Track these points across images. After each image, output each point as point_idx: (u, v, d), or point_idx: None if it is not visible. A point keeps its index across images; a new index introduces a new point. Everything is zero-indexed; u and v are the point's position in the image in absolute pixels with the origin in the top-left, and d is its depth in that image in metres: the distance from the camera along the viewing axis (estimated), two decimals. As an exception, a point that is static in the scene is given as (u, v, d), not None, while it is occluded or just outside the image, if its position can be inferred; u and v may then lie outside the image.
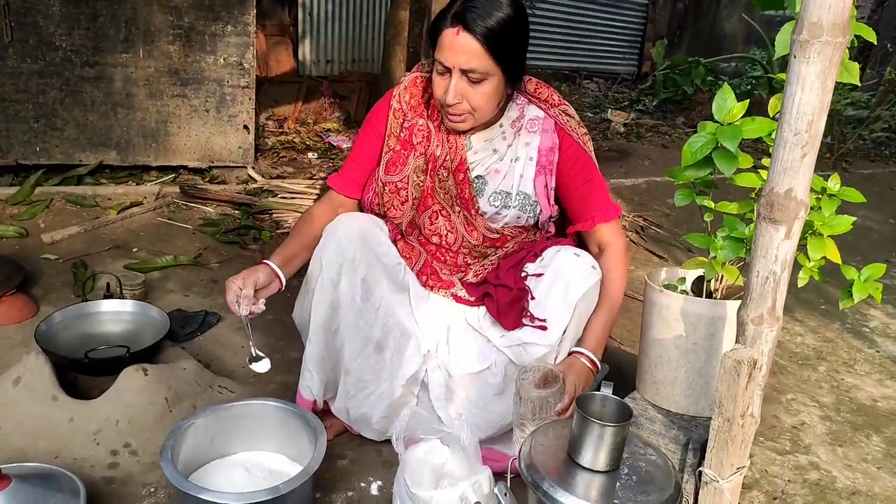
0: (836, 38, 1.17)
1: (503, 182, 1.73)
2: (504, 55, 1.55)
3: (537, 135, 1.72)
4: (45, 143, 3.46)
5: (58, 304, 2.34)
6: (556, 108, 1.73)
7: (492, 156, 1.73)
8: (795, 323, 2.89)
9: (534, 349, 1.65)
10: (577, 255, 1.69)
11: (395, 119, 1.74)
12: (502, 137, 1.72)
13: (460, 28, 1.51)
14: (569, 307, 1.64)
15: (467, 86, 1.57)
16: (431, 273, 1.81)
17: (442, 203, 1.78)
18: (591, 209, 1.76)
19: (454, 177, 1.73)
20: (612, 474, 1.33)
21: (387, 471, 1.73)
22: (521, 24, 1.57)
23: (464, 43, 1.52)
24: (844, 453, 2.01)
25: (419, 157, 1.73)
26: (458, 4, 1.53)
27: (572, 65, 9.24)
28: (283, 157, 4.53)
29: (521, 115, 1.73)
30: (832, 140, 6.26)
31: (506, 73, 1.58)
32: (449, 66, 1.55)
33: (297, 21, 6.19)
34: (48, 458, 1.64)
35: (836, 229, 1.54)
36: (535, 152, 1.72)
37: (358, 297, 1.69)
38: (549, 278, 1.67)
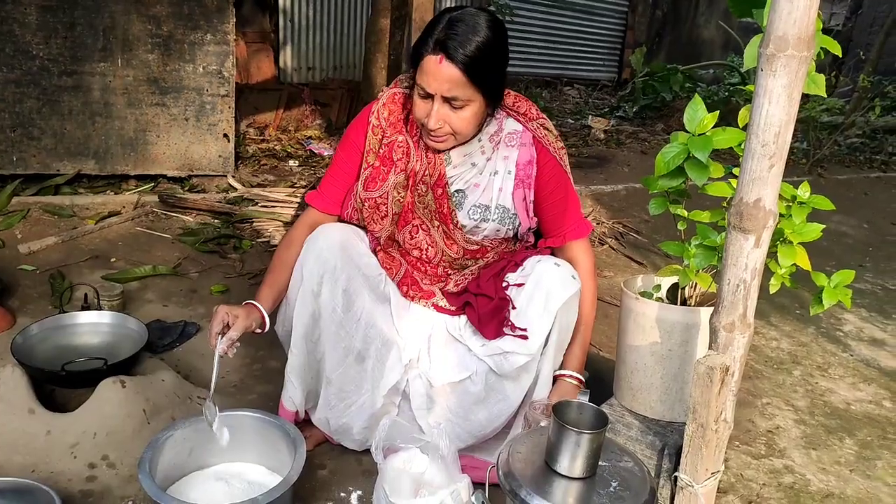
0: (802, 52, 1.20)
1: (482, 195, 1.75)
2: (485, 81, 1.56)
3: (515, 148, 1.74)
4: (21, 153, 3.43)
5: (35, 316, 2.32)
6: (535, 122, 1.75)
7: (471, 169, 1.74)
8: (771, 328, 2.94)
9: (514, 358, 1.66)
10: (557, 264, 1.71)
11: (374, 136, 1.74)
12: (481, 151, 1.74)
13: (443, 57, 1.52)
14: (549, 316, 1.65)
15: (449, 111, 1.58)
16: (412, 283, 1.82)
17: (422, 218, 1.79)
18: (563, 225, 1.79)
19: (433, 192, 1.74)
20: (589, 481, 1.35)
21: (367, 480, 1.73)
22: (501, 47, 1.58)
23: (446, 72, 1.53)
24: (818, 456, 2.05)
25: (399, 173, 1.73)
26: (439, 31, 1.54)
27: (553, 71, 9.31)
28: (265, 164, 4.52)
29: (499, 129, 1.74)
30: (808, 146, 6.36)
31: (487, 97, 1.60)
32: (431, 92, 1.56)
33: (279, 28, 6.18)
34: (24, 472, 1.63)
35: (806, 237, 1.57)
36: (514, 166, 1.74)
37: (339, 307, 1.70)
38: (530, 288, 1.69)
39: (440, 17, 1.57)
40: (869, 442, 2.15)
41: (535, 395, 1.72)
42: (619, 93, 8.88)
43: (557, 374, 1.73)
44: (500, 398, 1.71)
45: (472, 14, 1.56)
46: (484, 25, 1.54)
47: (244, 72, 5.74)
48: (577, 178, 5.36)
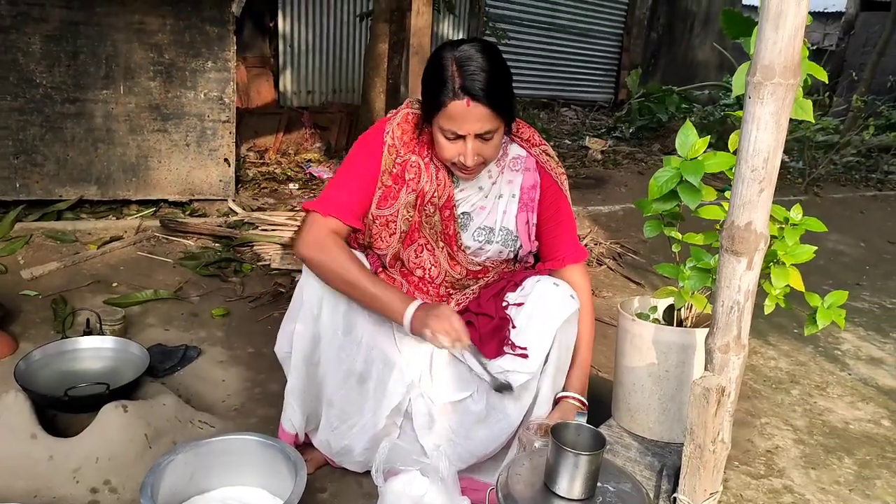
0: (788, 80, 1.24)
1: (487, 218, 1.78)
2: (504, 107, 1.61)
3: (520, 173, 1.78)
4: (25, 179, 3.47)
5: (37, 341, 2.34)
6: (538, 148, 1.79)
7: (478, 193, 1.77)
8: (769, 347, 2.95)
9: (515, 377, 1.68)
10: (556, 284, 1.73)
11: (390, 155, 1.74)
12: (488, 176, 1.77)
13: (468, 99, 1.55)
14: (549, 336, 1.68)
15: (482, 144, 1.62)
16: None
17: (427, 237, 1.81)
18: (561, 249, 1.82)
19: (441, 213, 1.76)
20: (588, 502, 1.36)
21: (367, 503, 1.74)
22: (506, 70, 1.63)
23: (476, 112, 1.56)
24: (817, 476, 2.05)
25: (410, 192, 1.75)
26: (454, 76, 1.56)
27: (550, 93, 9.41)
28: (265, 188, 4.56)
29: (504, 154, 1.78)
30: (804, 165, 6.40)
31: (507, 120, 1.66)
32: (463, 133, 1.60)
33: (278, 52, 6.27)
34: (27, 497, 1.64)
35: (799, 258, 1.60)
36: (518, 190, 1.78)
37: (340, 330, 1.72)
38: (530, 308, 1.71)
39: (442, 60, 1.59)
40: (868, 461, 2.16)
41: (533, 413, 1.73)
42: (616, 114, 8.95)
43: (560, 396, 1.75)
44: (501, 417, 1.73)
45: (472, 48, 1.59)
46: (487, 55, 1.58)
47: (244, 96, 5.81)
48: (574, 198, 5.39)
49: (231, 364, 2.40)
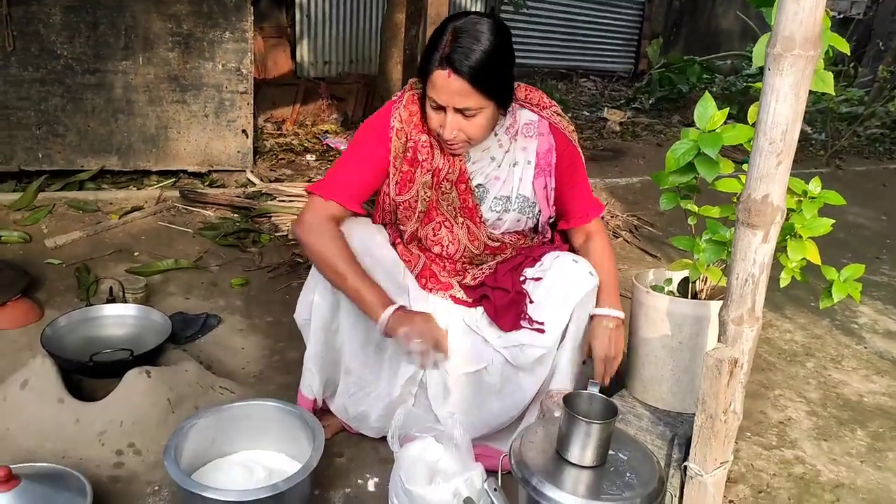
0: (808, 52, 1.22)
1: (503, 187, 1.77)
2: (494, 87, 1.58)
3: (534, 139, 1.76)
4: (47, 150, 3.51)
5: (62, 309, 2.39)
6: (548, 110, 1.77)
7: (490, 163, 1.76)
8: (785, 320, 2.95)
9: (531, 350, 1.70)
10: (575, 260, 1.74)
11: (399, 139, 1.73)
12: (498, 145, 1.75)
13: (450, 71, 1.53)
14: (566, 311, 1.70)
15: (462, 120, 1.60)
16: (430, 276, 1.85)
17: (445, 214, 1.82)
18: (584, 206, 1.85)
19: (456, 188, 1.77)
20: (599, 470, 1.39)
21: (383, 468, 1.78)
22: (506, 52, 1.59)
23: (455, 85, 1.54)
24: (829, 448, 2.07)
25: (426, 173, 1.75)
26: (445, 45, 1.54)
27: (569, 63, 9.28)
28: (282, 159, 4.58)
29: (514, 121, 1.75)
30: (826, 137, 6.30)
31: (497, 101, 1.62)
32: (443, 104, 1.58)
33: (295, 22, 6.23)
34: (55, 458, 1.70)
35: (816, 231, 1.59)
36: (534, 156, 1.76)
37: None
38: (548, 283, 1.73)
39: (444, 28, 1.58)
40: (881, 433, 2.16)
41: (551, 385, 1.75)
42: (636, 84, 8.83)
43: (593, 314, 1.74)
44: (515, 389, 1.76)
45: (474, 22, 1.56)
46: (487, 32, 1.55)
47: (261, 66, 5.80)
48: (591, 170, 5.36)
49: (250, 332, 2.44)
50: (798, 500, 1.82)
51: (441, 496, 1.51)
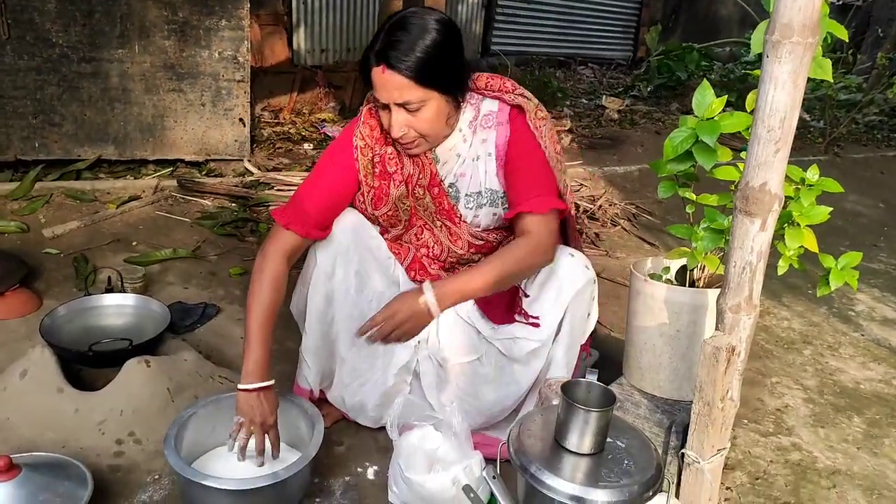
0: (807, 39, 1.22)
1: (471, 183, 1.74)
2: (436, 79, 1.53)
3: (492, 129, 1.70)
4: (43, 139, 3.50)
5: (60, 299, 2.39)
6: (511, 94, 1.69)
7: (457, 160, 1.72)
8: (782, 308, 2.95)
9: (525, 343, 1.71)
10: (571, 255, 1.74)
11: (364, 156, 1.70)
12: (463, 140, 1.71)
13: (384, 66, 1.50)
14: (561, 306, 1.70)
15: (408, 115, 1.56)
16: (420, 268, 1.85)
17: (424, 219, 1.81)
18: (521, 196, 1.67)
19: (430, 192, 1.74)
20: (597, 457, 1.40)
21: (382, 456, 1.79)
22: (446, 40, 1.54)
23: (391, 80, 1.51)
24: (826, 434, 2.08)
25: (399, 185, 1.73)
26: (380, 41, 1.52)
27: (567, 51, 9.24)
28: (279, 148, 4.57)
29: (476, 114, 1.70)
30: (825, 125, 6.29)
31: (445, 93, 1.57)
32: (384, 102, 1.55)
33: (292, 10, 6.19)
34: (55, 447, 1.70)
35: (813, 219, 1.59)
36: (493, 147, 1.71)
37: (352, 288, 1.75)
38: (543, 277, 1.73)
39: (383, 24, 1.55)
40: (877, 420, 2.18)
41: (549, 374, 1.76)
42: (634, 72, 8.80)
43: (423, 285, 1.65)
44: (510, 380, 1.76)
45: (412, 15, 1.54)
46: (426, 26, 1.51)
47: (258, 55, 5.77)
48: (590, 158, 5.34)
49: (249, 322, 2.44)
50: (795, 487, 1.84)
51: (440, 484, 1.52)
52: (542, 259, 1.68)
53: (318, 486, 1.69)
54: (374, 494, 1.69)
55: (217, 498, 1.49)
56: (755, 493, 1.80)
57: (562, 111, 6.38)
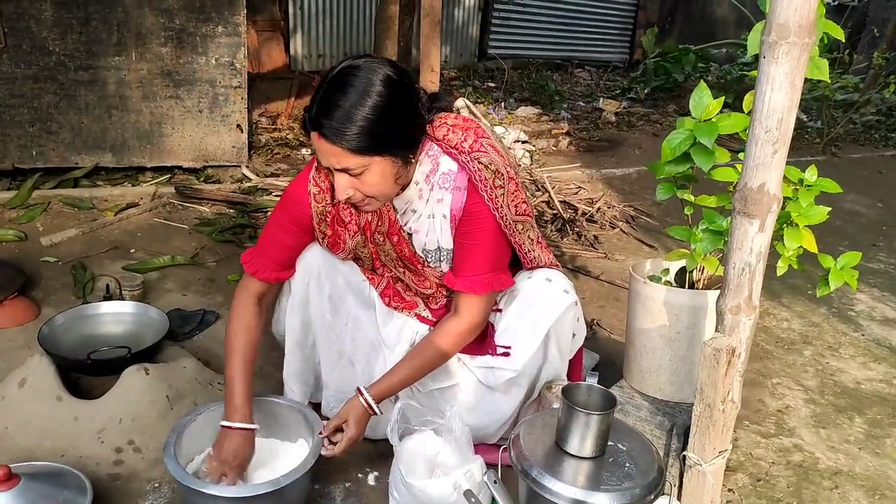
0: (803, 39, 1.22)
1: (427, 240, 1.66)
2: (377, 147, 1.41)
3: (449, 192, 1.58)
4: (41, 147, 3.49)
5: (59, 307, 2.39)
6: (468, 156, 1.55)
7: (412, 215, 1.64)
8: (782, 308, 2.95)
9: (501, 373, 1.70)
10: (548, 279, 1.70)
11: (318, 204, 1.63)
12: (419, 196, 1.60)
13: (318, 135, 1.40)
14: (538, 335, 1.66)
15: (352, 179, 1.45)
16: (394, 294, 1.82)
17: (388, 266, 1.78)
18: (461, 270, 1.63)
19: (390, 240, 1.68)
20: (598, 460, 1.39)
21: (383, 462, 1.78)
22: (392, 104, 1.41)
23: (327, 148, 1.41)
24: (828, 435, 2.08)
25: (354, 235, 1.68)
26: (315, 103, 1.41)
27: (564, 54, 9.25)
28: (277, 153, 4.57)
29: (434, 169, 1.58)
30: (822, 125, 6.30)
31: (388, 154, 1.44)
32: (326, 165, 1.46)
33: (288, 15, 6.20)
34: (54, 456, 1.70)
35: (812, 219, 1.59)
36: (448, 210, 1.60)
37: (327, 312, 1.75)
38: (519, 306, 1.70)
39: (324, 77, 1.43)
40: (879, 420, 2.17)
41: (548, 377, 1.75)
42: (631, 74, 8.81)
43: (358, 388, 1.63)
44: (491, 409, 1.76)
45: (355, 70, 1.40)
46: (367, 88, 1.38)
47: (255, 61, 5.77)
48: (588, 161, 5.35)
49: (248, 328, 2.44)
50: (797, 488, 1.83)
51: (441, 489, 1.52)
52: (471, 336, 1.67)
53: (318, 492, 1.69)
54: (374, 500, 1.69)
55: (218, 505, 1.48)
56: (757, 494, 1.79)
57: (559, 114, 6.39)
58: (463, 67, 7.81)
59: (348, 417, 1.59)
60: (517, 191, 1.61)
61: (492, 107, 6.13)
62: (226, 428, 1.57)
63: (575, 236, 3.60)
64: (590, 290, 3.01)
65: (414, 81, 1.51)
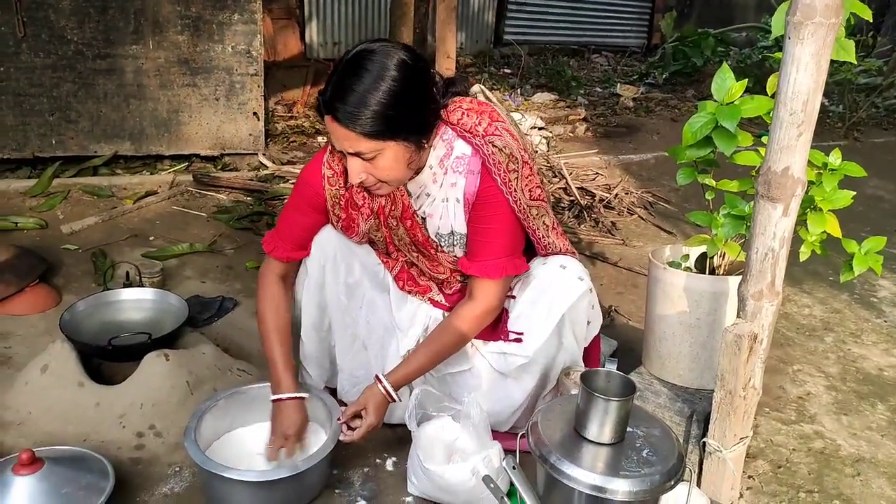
0: (830, 19, 1.20)
1: (441, 224, 1.65)
2: (391, 131, 1.41)
3: (463, 176, 1.58)
4: (60, 136, 3.52)
5: (80, 294, 2.41)
6: (483, 139, 1.53)
7: (426, 199, 1.63)
8: (803, 294, 2.92)
9: (512, 359, 1.69)
10: (563, 266, 1.68)
11: (331, 187, 1.63)
12: (433, 179, 1.60)
13: (331, 118, 1.40)
14: (551, 322, 1.64)
15: (364, 163, 1.45)
16: (408, 279, 1.82)
17: (402, 251, 1.77)
18: (475, 255, 1.62)
19: (403, 224, 1.68)
20: (618, 447, 1.38)
21: (401, 447, 1.79)
22: (406, 89, 1.40)
23: (340, 132, 1.40)
24: (849, 422, 2.05)
25: (367, 218, 1.68)
26: (329, 87, 1.40)
27: (580, 39, 9.16)
28: (293, 141, 4.57)
29: (448, 153, 1.58)
30: (844, 109, 6.20)
31: (402, 139, 1.44)
32: (338, 149, 1.47)
33: (304, 3, 6.19)
34: (77, 441, 1.72)
35: (836, 204, 1.57)
36: (461, 194, 1.60)
37: (342, 294, 1.76)
38: (533, 293, 1.68)
39: (339, 61, 1.42)
40: (902, 408, 2.15)
41: (563, 364, 1.74)
42: (649, 59, 8.72)
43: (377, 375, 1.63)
44: (503, 395, 1.75)
45: (370, 54, 1.39)
46: (382, 72, 1.38)
47: (271, 49, 5.77)
48: (605, 147, 5.31)
49: (266, 315, 2.45)
50: (818, 475, 1.81)
51: (459, 474, 1.52)
52: (488, 321, 1.67)
53: (336, 477, 1.70)
54: (393, 485, 1.69)
55: (239, 490, 1.50)
56: (778, 481, 1.77)
57: (576, 100, 6.34)
58: (479, 54, 7.76)
59: (367, 405, 1.60)
60: (531, 175, 1.59)
61: (508, 93, 6.09)
62: (276, 402, 1.62)
63: (592, 223, 3.57)
64: (607, 277, 2.99)
65: (429, 66, 1.50)
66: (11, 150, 3.45)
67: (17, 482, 1.39)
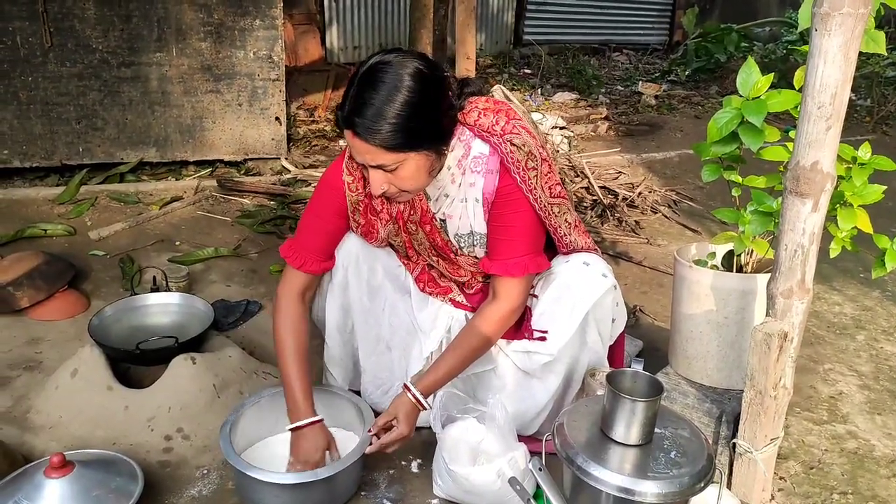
0: (858, 10, 1.17)
1: (461, 224, 1.64)
2: (410, 143, 1.40)
3: (481, 175, 1.56)
4: (87, 144, 3.58)
5: (108, 299, 2.45)
6: (501, 138, 1.52)
7: (445, 200, 1.62)
8: (833, 292, 2.86)
9: (537, 357, 1.68)
10: (586, 263, 1.66)
11: (351, 192, 1.63)
12: (451, 180, 1.58)
13: (351, 133, 1.39)
14: (575, 320, 1.63)
15: (386, 174, 1.44)
16: (429, 280, 1.82)
17: (421, 255, 1.78)
18: (496, 254, 1.61)
19: (422, 229, 1.67)
20: (645, 448, 1.36)
21: (426, 450, 1.78)
22: (423, 100, 1.39)
23: (361, 146, 1.40)
24: (883, 422, 2.01)
25: (387, 223, 1.68)
26: (348, 101, 1.39)
27: (601, 38, 9.11)
28: (315, 145, 4.60)
29: (466, 153, 1.56)
30: (871, 103, 6.08)
31: (422, 150, 1.43)
32: (360, 162, 1.45)
33: (324, 8, 6.23)
34: (106, 444, 1.74)
35: (867, 199, 1.54)
36: (480, 194, 1.58)
37: (365, 296, 1.76)
38: (557, 290, 1.67)
39: (355, 74, 1.41)
40: (938, 407, 2.09)
41: (588, 364, 1.72)
42: (671, 56, 8.63)
43: (405, 384, 1.61)
44: (526, 395, 1.74)
45: (385, 66, 1.38)
46: (398, 83, 1.37)
47: (292, 54, 5.81)
48: (627, 145, 5.26)
49: (291, 318, 2.46)
50: (852, 476, 1.77)
51: (485, 476, 1.51)
52: (513, 320, 1.66)
53: (362, 479, 1.70)
54: (418, 487, 1.69)
55: (274, 492, 1.51)
56: (810, 482, 1.74)
57: (597, 99, 6.30)
58: (498, 55, 7.75)
59: (398, 414, 1.58)
60: (550, 172, 1.58)
61: (529, 93, 6.07)
62: (295, 430, 1.59)
63: (616, 222, 3.54)
64: (632, 276, 2.96)
65: (444, 72, 1.49)
66: (40, 158, 3.52)
67: (49, 485, 1.41)
